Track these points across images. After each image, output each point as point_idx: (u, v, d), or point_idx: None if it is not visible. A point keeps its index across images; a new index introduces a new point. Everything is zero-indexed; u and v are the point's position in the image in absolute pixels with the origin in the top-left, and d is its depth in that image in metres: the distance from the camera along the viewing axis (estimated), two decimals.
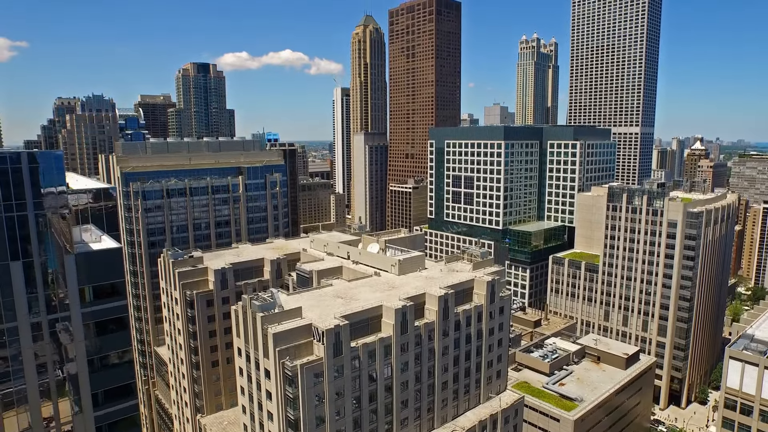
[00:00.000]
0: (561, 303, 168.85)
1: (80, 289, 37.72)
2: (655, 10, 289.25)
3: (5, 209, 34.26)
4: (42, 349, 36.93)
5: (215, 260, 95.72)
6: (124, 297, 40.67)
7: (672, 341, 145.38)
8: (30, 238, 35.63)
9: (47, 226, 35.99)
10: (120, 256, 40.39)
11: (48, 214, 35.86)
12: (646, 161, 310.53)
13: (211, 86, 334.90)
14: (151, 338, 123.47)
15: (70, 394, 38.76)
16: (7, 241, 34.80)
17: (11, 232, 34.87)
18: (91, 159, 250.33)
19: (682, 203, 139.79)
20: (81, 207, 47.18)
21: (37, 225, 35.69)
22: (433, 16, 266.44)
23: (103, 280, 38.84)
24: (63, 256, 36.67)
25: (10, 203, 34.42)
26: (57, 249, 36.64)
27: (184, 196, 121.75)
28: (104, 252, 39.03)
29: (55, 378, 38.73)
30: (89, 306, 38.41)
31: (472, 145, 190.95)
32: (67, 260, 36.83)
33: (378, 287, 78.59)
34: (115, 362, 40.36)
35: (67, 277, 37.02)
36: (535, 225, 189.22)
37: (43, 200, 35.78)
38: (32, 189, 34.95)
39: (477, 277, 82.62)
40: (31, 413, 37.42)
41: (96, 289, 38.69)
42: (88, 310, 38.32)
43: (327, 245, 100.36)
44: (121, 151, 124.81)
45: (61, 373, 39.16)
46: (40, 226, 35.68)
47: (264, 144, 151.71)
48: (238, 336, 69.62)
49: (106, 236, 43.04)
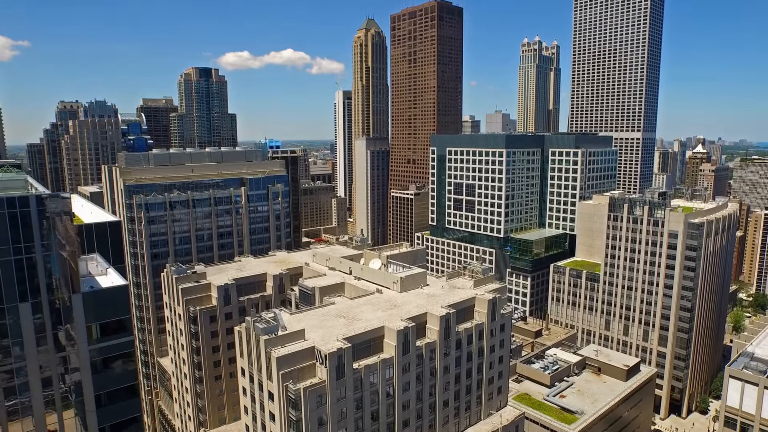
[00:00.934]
0: (562, 312, 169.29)
1: (87, 327, 38.39)
2: (657, 15, 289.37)
3: (14, 252, 34.97)
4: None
5: (218, 275, 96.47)
6: (130, 333, 41.28)
7: (673, 351, 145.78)
8: (38, 280, 36.28)
9: (55, 266, 36.63)
10: (126, 292, 41.02)
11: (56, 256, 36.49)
12: (648, 166, 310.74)
13: (213, 91, 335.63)
14: (154, 349, 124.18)
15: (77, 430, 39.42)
16: (16, 283, 35.46)
17: (20, 273, 35.56)
18: (94, 164, 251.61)
19: (683, 214, 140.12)
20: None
21: (45, 266, 36.34)
22: (435, 22, 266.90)
23: (110, 317, 39.45)
24: (70, 295, 37.32)
25: (19, 246, 35.08)
26: (64, 289, 37.27)
27: (187, 208, 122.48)
28: (111, 290, 39.63)
29: (62, 411, 39.44)
30: (96, 343, 39.08)
31: (474, 152, 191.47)
32: (75, 299, 37.50)
33: (380, 306, 79.14)
34: (122, 396, 40.95)
35: (74, 315, 37.66)
36: (537, 233, 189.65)
37: (51, 242, 36.41)
38: (40, 231, 35.57)
39: (478, 295, 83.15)
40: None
41: (103, 326, 39.35)
42: (95, 347, 38.99)
43: (329, 260, 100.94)
44: (124, 162, 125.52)
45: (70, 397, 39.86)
46: (48, 268, 36.33)
47: (266, 153, 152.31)
48: (241, 356, 70.24)
49: (112, 269, 43.67)
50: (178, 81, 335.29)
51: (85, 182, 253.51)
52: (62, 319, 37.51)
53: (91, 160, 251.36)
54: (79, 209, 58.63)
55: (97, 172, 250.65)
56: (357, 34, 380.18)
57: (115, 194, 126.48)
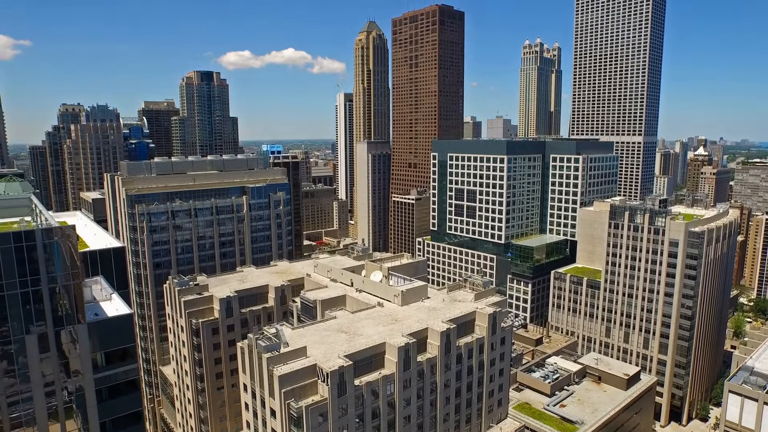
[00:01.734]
0: (562, 318, 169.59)
1: (92, 356, 38.87)
2: (659, 18, 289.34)
3: (20, 285, 35.44)
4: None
5: (220, 287, 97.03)
6: (135, 360, 41.77)
7: (673, 359, 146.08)
8: (44, 312, 36.76)
9: (60, 298, 37.13)
10: (131, 321, 41.48)
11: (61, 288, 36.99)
12: (649, 170, 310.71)
13: (214, 94, 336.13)
14: (157, 357, 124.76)
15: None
16: (22, 315, 35.95)
17: (26, 305, 36.04)
18: (96, 168, 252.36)
19: (684, 223, 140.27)
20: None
21: (51, 298, 36.83)
22: (437, 26, 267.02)
23: (115, 345, 39.97)
24: (75, 326, 37.81)
25: (25, 279, 35.56)
26: (69, 319, 37.77)
27: (189, 217, 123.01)
28: (116, 319, 40.11)
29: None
30: (101, 371, 39.58)
31: (475, 158, 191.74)
32: (80, 330, 37.98)
33: (381, 320, 79.58)
34: (127, 423, 41.45)
35: (79, 345, 38.15)
36: (538, 239, 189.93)
37: (56, 274, 36.89)
38: (46, 264, 36.06)
39: (479, 308, 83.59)
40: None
41: (108, 354, 39.84)
42: (100, 375, 39.49)
43: (330, 271, 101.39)
44: (126, 171, 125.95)
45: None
46: (54, 300, 36.82)
47: (267, 160, 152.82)
48: (243, 372, 70.76)
49: (116, 295, 44.16)
50: (179, 84, 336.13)
51: (87, 186, 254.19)
52: (68, 348, 38.00)
53: (93, 164, 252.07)
54: (83, 229, 59.09)
55: (99, 176, 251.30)
56: (358, 36, 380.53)
57: (117, 203, 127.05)
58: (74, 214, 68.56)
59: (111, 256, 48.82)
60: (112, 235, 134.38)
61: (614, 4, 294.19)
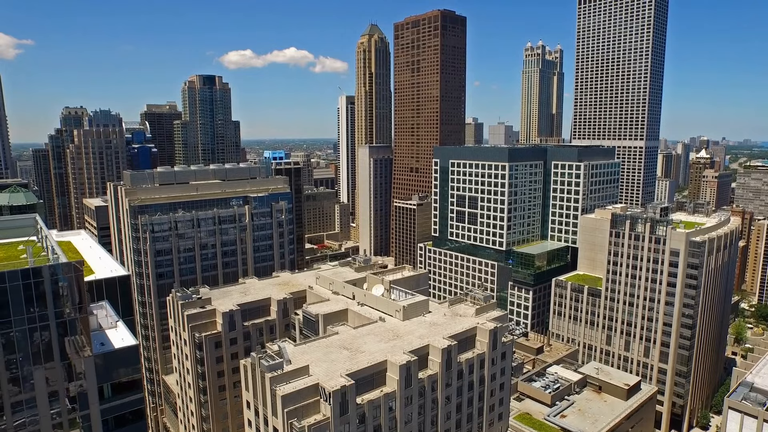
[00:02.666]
0: (563, 326, 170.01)
1: (99, 387, 39.53)
2: (661, 23, 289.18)
3: (28, 321, 36.11)
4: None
5: (222, 299, 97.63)
6: (141, 390, 42.42)
7: (674, 368, 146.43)
8: (52, 346, 37.43)
9: (67, 331, 37.76)
10: (137, 352, 42.15)
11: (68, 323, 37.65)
12: (651, 175, 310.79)
13: (216, 98, 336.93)
14: (159, 366, 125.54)
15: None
16: (30, 349, 36.61)
17: (34, 340, 36.69)
18: (99, 173, 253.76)
19: (685, 233, 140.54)
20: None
21: (59, 334, 37.48)
22: (439, 31, 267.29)
23: (121, 377, 40.64)
24: (82, 358, 38.47)
25: (33, 315, 36.22)
26: (77, 352, 38.44)
27: (192, 227, 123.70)
28: (122, 351, 40.77)
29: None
30: (108, 402, 40.22)
31: (476, 165, 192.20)
32: (87, 362, 38.65)
33: (383, 336, 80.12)
34: None
35: (86, 376, 38.79)
36: (539, 246, 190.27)
37: (63, 309, 37.56)
38: (54, 301, 36.71)
39: (479, 324, 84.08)
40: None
41: (114, 385, 40.48)
42: (107, 406, 40.13)
43: (332, 284, 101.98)
44: (129, 181, 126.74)
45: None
46: (61, 335, 37.46)
47: (269, 169, 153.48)
48: (247, 390, 71.38)
49: (122, 324, 44.82)
50: (182, 89, 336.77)
51: (89, 190, 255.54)
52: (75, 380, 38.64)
53: (95, 169, 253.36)
54: (87, 251, 59.74)
55: (101, 180, 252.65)
56: (360, 39, 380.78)
57: (120, 213, 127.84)
58: (78, 233, 69.24)
59: (116, 285, 49.53)
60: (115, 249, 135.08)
61: (616, 10, 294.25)
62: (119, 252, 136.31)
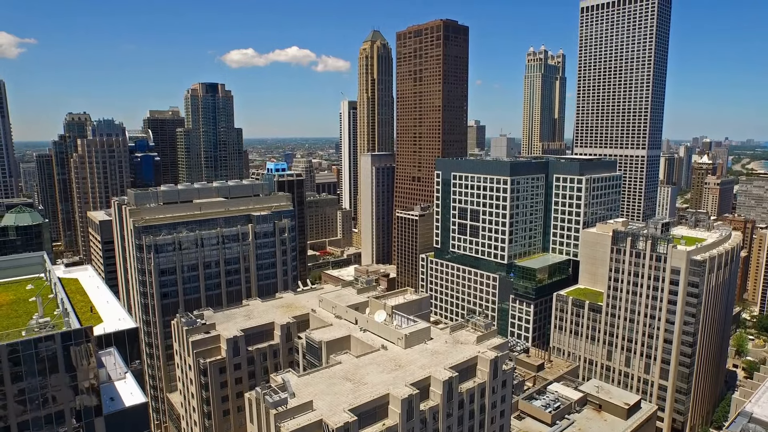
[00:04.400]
0: (564, 340, 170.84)
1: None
2: (663, 32, 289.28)
3: (41, 387, 37.13)
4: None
5: (227, 323, 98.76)
6: None
7: (674, 386, 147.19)
8: (64, 409, 38.41)
9: (79, 393, 38.76)
10: (146, 410, 43.14)
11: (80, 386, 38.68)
12: (653, 183, 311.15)
13: (219, 106, 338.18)
14: (164, 384, 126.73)
15: None
16: (42, 413, 37.62)
17: (46, 404, 37.69)
18: (102, 183, 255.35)
19: (686, 252, 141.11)
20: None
21: (70, 395, 38.46)
22: (441, 41, 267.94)
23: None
24: (94, 419, 39.51)
25: (45, 381, 37.25)
26: (88, 414, 39.46)
27: (196, 247, 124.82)
28: (132, 409, 41.83)
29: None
30: None
31: (478, 179, 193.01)
32: (98, 422, 39.69)
33: (385, 366, 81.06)
34: None
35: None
36: (540, 259, 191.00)
37: (76, 373, 38.59)
38: (66, 368, 37.71)
39: (480, 353, 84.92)
40: None
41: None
42: None
43: (335, 307, 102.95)
44: (133, 200, 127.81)
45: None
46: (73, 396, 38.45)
47: (272, 185, 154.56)
48: (251, 422, 72.31)
49: (130, 375, 45.86)
50: (185, 96, 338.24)
51: (93, 200, 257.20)
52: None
53: (99, 178, 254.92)
54: (95, 292, 60.80)
55: (105, 190, 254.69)
56: (363, 46, 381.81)
57: (125, 232, 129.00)
58: (85, 268, 70.36)
59: (125, 336, 50.59)
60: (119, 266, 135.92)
61: (618, 19, 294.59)
62: (123, 270, 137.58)
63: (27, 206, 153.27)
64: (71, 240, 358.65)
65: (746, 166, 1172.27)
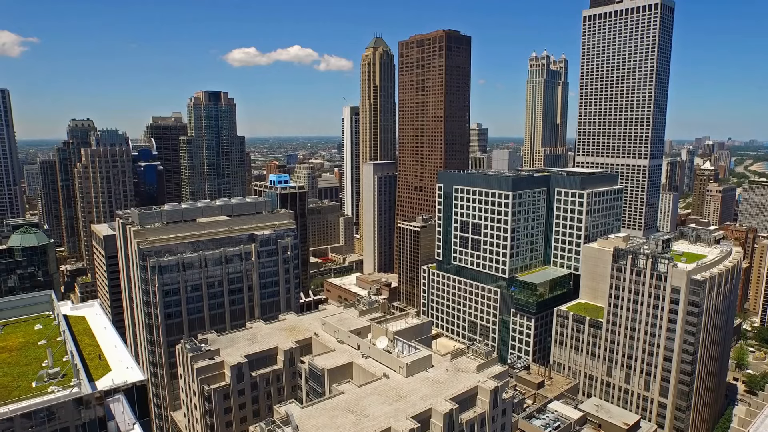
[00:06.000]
0: (565, 355, 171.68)
1: None
2: (665, 42, 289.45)
3: None
4: None
5: (230, 348, 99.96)
6: None
7: (674, 404, 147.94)
8: None
9: None
10: None
11: None
12: (654, 191, 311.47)
13: (222, 114, 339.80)
14: (168, 403, 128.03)
15: None
16: None
17: None
18: (106, 192, 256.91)
19: (686, 271, 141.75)
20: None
21: None
22: (443, 52, 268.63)
23: None
24: None
25: None
26: None
27: (199, 267, 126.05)
28: None
29: None
30: None
31: (480, 193, 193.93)
32: None
33: (387, 396, 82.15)
34: None
35: None
36: (541, 274, 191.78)
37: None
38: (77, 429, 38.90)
39: (481, 382, 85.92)
40: None
41: None
42: None
43: (338, 332, 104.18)
44: (137, 220, 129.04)
45: None
46: None
47: (275, 202, 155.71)
48: None
49: (138, 426, 47.00)
50: (188, 104, 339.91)
51: (96, 209, 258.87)
52: None
53: (103, 188, 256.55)
54: (102, 334, 61.96)
55: (109, 199, 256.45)
56: (365, 53, 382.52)
57: (129, 251, 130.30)
58: (92, 304, 71.53)
59: (133, 389, 51.63)
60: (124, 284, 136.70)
61: (621, 28, 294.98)
62: (128, 289, 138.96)
63: (32, 226, 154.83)
64: (75, 245, 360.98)
65: (749, 168, 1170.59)
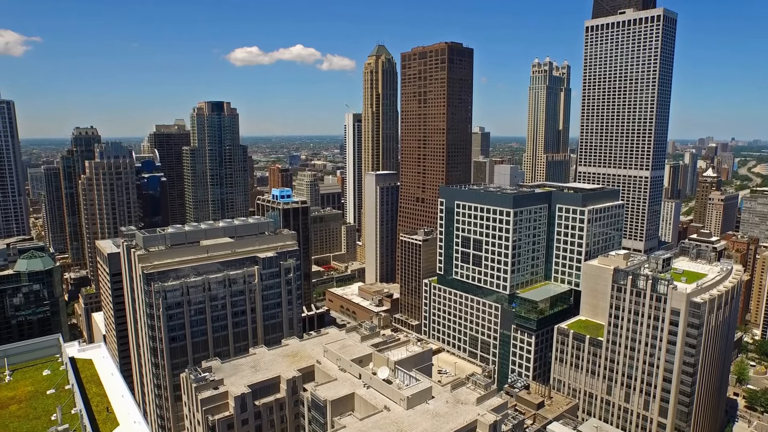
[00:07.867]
0: (565, 372, 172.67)
1: None
2: (668, 53, 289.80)
3: None
4: None
5: (234, 377, 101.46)
6: None
7: (673, 423, 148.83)
8: None
9: None
10: None
11: None
12: (656, 202, 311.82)
13: (224, 124, 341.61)
14: (172, 425, 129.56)
15: None
16: None
17: None
18: (110, 204, 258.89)
19: (686, 294, 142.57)
20: None
21: None
22: (446, 64, 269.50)
23: None
24: None
25: None
26: None
27: (203, 291, 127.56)
28: None
29: None
30: None
31: (481, 209, 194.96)
32: None
33: (387, 431, 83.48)
34: None
35: None
36: (542, 290, 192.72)
37: None
38: None
39: (480, 415, 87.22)
40: None
41: None
42: None
43: (339, 360, 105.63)
44: (141, 243, 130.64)
45: None
46: None
47: (278, 223, 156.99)
48: None
49: None
50: (191, 115, 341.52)
51: (100, 220, 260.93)
52: None
53: (106, 199, 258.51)
54: (109, 380, 63.33)
55: (113, 210, 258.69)
56: (367, 60, 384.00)
57: (134, 274, 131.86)
58: (99, 346, 72.92)
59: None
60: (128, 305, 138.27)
61: (624, 39, 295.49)
62: (132, 310, 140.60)
63: (38, 250, 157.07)
64: (78, 251, 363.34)
65: (752, 170, 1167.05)
